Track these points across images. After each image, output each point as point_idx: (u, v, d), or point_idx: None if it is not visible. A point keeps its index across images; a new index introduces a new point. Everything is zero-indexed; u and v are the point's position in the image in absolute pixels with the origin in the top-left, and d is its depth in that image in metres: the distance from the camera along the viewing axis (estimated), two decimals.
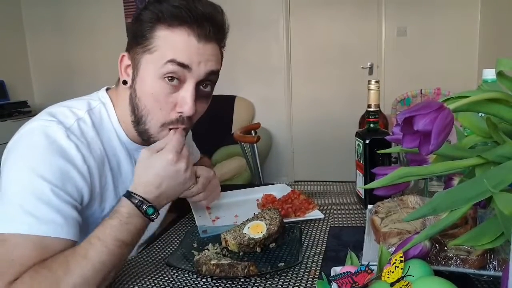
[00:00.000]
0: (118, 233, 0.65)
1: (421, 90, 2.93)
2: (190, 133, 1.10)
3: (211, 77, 0.75)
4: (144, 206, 0.69)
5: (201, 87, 0.75)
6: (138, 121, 0.76)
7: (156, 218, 0.71)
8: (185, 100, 0.72)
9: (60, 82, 3.92)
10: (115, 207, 0.69)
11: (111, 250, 0.63)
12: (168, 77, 0.71)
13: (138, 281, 0.69)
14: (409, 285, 0.48)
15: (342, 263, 0.63)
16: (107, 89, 0.83)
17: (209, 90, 0.77)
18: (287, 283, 0.66)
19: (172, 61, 0.70)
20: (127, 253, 0.68)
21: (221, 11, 0.74)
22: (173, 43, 0.70)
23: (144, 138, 0.78)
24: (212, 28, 0.72)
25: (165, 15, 0.70)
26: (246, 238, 0.77)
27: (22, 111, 3.58)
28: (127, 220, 0.66)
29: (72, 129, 0.72)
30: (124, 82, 0.76)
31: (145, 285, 0.68)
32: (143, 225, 0.69)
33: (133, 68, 0.74)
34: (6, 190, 0.65)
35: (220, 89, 0.79)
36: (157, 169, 0.71)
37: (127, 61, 0.76)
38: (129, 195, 0.70)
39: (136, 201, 0.69)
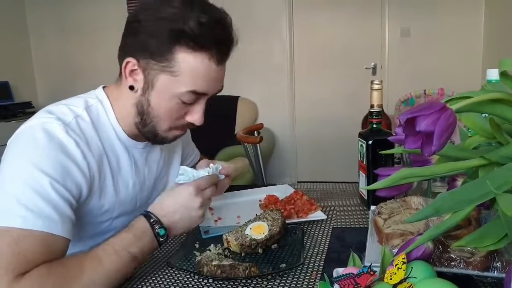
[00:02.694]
0: (130, 246, 0.68)
1: (424, 90, 2.91)
2: (188, 132, 1.10)
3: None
4: (156, 226, 0.71)
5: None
6: (145, 124, 0.78)
7: (164, 242, 0.73)
8: (198, 114, 0.78)
9: (64, 83, 3.92)
10: (132, 221, 0.72)
11: (123, 260, 0.66)
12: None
13: (139, 281, 0.70)
14: (412, 287, 0.47)
15: (344, 264, 0.63)
16: (104, 87, 0.84)
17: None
18: (288, 284, 0.65)
19: (192, 92, 0.73)
20: (136, 265, 0.69)
21: (233, 28, 0.76)
22: (194, 70, 0.72)
23: (150, 137, 0.81)
24: (229, 50, 0.75)
25: (187, 37, 0.69)
26: (248, 239, 0.77)
27: (26, 112, 3.59)
28: (140, 236, 0.70)
29: (71, 126, 0.72)
30: (131, 88, 0.76)
31: (146, 286, 0.68)
32: (152, 245, 0.71)
33: (146, 79, 0.74)
34: (4, 183, 0.65)
35: (223, 89, 0.81)
36: (176, 197, 0.75)
37: (132, 66, 0.75)
38: (146, 213, 0.73)
39: (152, 220, 0.72)
